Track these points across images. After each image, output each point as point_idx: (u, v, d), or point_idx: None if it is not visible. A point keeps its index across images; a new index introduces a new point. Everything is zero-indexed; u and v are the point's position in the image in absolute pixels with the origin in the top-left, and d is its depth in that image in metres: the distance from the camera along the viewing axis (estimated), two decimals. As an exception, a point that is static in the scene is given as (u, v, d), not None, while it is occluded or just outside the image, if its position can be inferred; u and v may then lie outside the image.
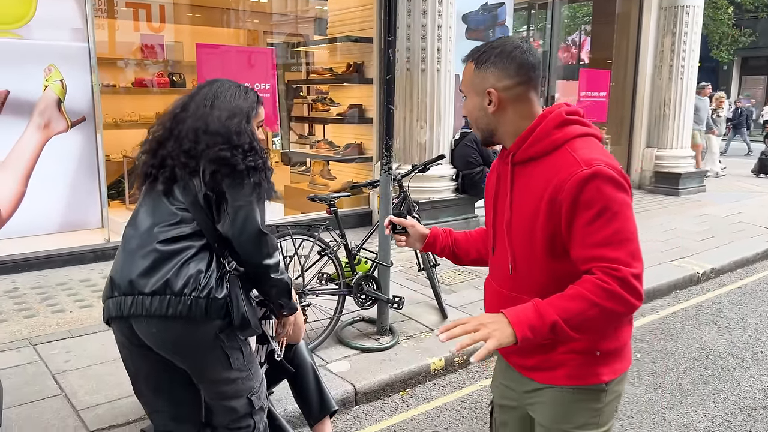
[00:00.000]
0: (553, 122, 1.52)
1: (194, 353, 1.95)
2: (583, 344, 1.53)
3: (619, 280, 1.37)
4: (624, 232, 1.42)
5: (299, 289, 3.49)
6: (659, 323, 4.58)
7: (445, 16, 6.43)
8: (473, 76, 1.57)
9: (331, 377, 3.34)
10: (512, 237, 1.57)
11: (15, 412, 2.84)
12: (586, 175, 1.41)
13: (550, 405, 1.61)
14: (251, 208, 1.91)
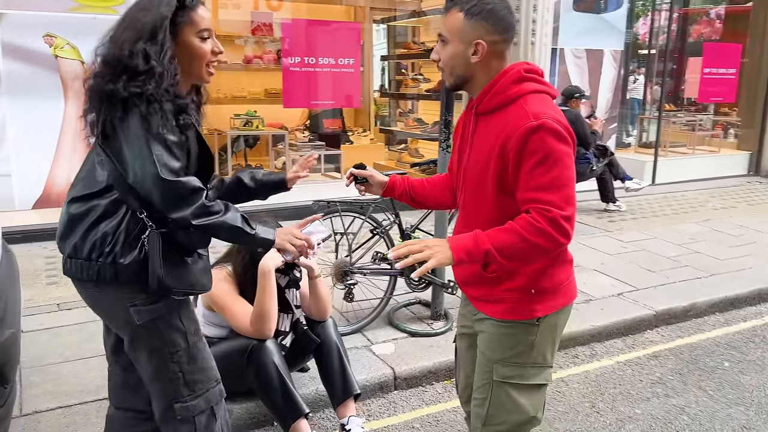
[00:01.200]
0: (511, 78, 1.67)
1: (112, 321, 1.85)
2: (519, 282, 1.73)
3: (549, 220, 1.55)
4: (561, 179, 1.58)
5: (346, 266, 3.41)
6: (762, 330, 4.03)
7: (541, -15, 5.98)
8: (463, 25, 1.65)
9: (372, 359, 3.24)
10: (467, 179, 1.76)
11: (67, 367, 3.01)
12: (533, 126, 1.57)
13: (488, 335, 1.82)
14: (142, 146, 1.61)
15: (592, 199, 6.92)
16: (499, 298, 1.76)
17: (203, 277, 1.88)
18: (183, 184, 1.65)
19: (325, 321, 2.74)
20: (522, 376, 1.78)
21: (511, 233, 1.57)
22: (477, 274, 1.78)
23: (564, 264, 1.80)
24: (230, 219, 1.73)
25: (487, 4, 1.65)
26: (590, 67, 8.22)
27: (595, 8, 8.08)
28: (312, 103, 5.90)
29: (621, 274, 4.66)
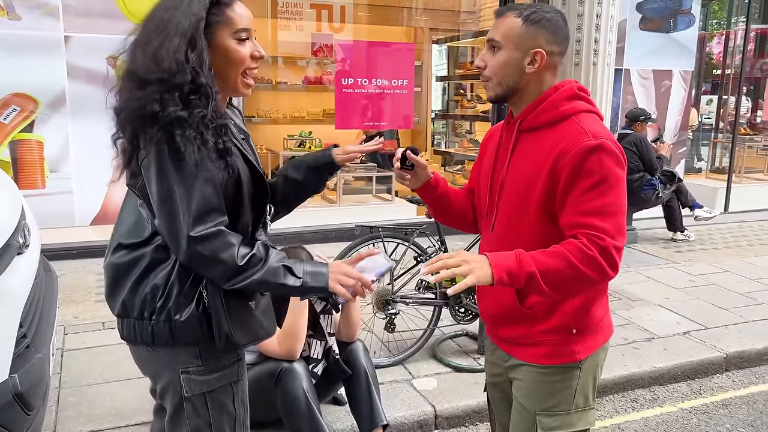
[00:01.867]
0: (564, 94, 1.58)
1: (158, 384, 1.58)
2: (558, 322, 1.59)
3: (600, 248, 1.43)
4: (615, 206, 1.47)
5: (388, 295, 3.28)
6: None
7: (606, 4, 5.73)
8: (521, 31, 1.55)
9: (413, 395, 3.08)
10: (503, 198, 1.63)
11: (104, 389, 2.99)
12: (592, 145, 1.47)
13: (526, 383, 1.68)
14: (171, 187, 1.37)
15: (658, 227, 6.55)
16: (538, 341, 1.63)
17: (267, 320, 1.64)
18: (212, 238, 1.39)
19: (354, 344, 2.63)
20: (567, 424, 1.66)
21: (558, 258, 1.43)
22: (512, 309, 1.63)
23: (602, 298, 1.68)
24: (270, 274, 1.45)
25: (547, 12, 1.56)
26: (658, 88, 7.86)
27: (663, 27, 7.74)
28: (364, 125, 5.83)
29: (688, 310, 4.32)
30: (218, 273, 1.42)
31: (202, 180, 1.39)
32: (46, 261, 2.76)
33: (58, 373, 3.11)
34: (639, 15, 7.54)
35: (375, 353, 3.39)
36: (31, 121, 5.21)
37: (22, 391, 1.84)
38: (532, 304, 1.60)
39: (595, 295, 1.63)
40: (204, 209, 1.39)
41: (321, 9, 8.12)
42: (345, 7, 8.11)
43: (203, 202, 1.39)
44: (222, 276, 1.42)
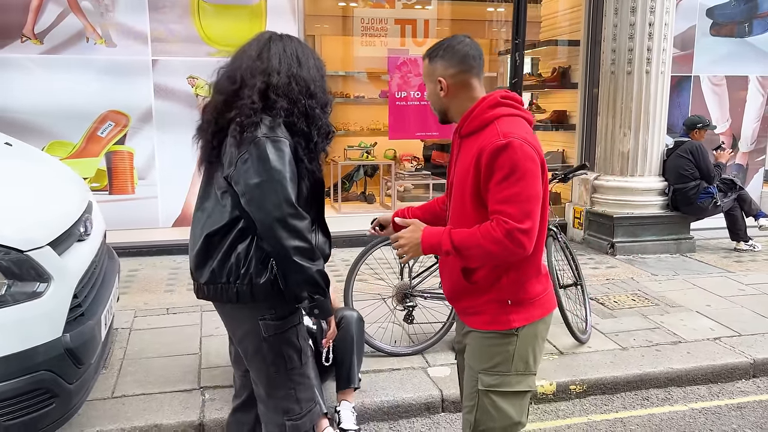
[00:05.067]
0: (488, 103, 1.87)
1: (238, 333, 2.03)
2: (496, 294, 1.88)
3: (505, 231, 1.72)
4: (523, 195, 1.73)
5: (406, 289, 3.57)
6: None
7: (659, 12, 5.75)
8: (427, 68, 1.95)
9: (425, 380, 3.35)
10: (452, 195, 1.95)
11: (158, 362, 3.49)
12: (501, 144, 1.74)
13: (472, 346, 1.97)
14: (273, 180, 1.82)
15: (722, 237, 6.38)
16: (480, 310, 1.92)
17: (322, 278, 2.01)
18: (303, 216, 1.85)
19: (350, 312, 3.03)
20: (505, 383, 1.92)
21: (473, 236, 1.77)
22: (461, 285, 1.94)
23: (539, 277, 1.95)
24: (319, 273, 1.89)
25: (444, 43, 1.92)
26: (732, 95, 7.61)
27: (738, 32, 7.50)
28: (416, 135, 6.15)
29: (727, 318, 4.28)
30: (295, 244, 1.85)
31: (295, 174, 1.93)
32: (111, 250, 3.31)
33: (124, 347, 3.65)
34: (709, 20, 7.36)
35: (396, 342, 3.69)
36: (124, 135, 5.95)
37: (72, 347, 2.31)
38: (476, 279, 1.90)
39: (528, 272, 1.90)
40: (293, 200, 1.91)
41: (405, 24, 8.52)
42: (428, 21, 8.44)
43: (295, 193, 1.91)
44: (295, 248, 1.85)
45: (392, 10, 8.10)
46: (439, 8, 8.17)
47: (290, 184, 1.83)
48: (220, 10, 6.08)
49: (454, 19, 8.73)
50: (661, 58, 5.84)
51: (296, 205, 1.83)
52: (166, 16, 5.93)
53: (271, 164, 1.81)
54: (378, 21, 8.33)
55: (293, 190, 1.83)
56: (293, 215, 1.82)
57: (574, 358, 3.64)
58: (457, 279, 1.93)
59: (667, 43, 5.87)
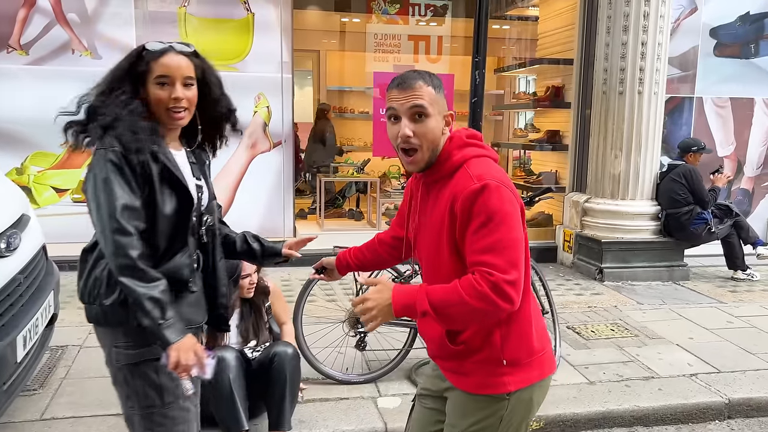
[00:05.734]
0: (455, 143, 1.67)
1: (106, 365, 1.88)
2: (488, 353, 1.66)
3: (491, 284, 1.50)
4: (505, 241, 1.54)
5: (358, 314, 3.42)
6: None
7: (652, 32, 5.57)
8: (437, 98, 1.65)
9: (371, 411, 3.19)
10: (420, 247, 1.77)
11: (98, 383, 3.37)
12: (476, 188, 1.56)
13: (456, 405, 1.76)
14: (99, 191, 1.71)
15: (720, 264, 6.12)
16: (470, 370, 1.70)
17: (190, 310, 1.88)
18: (127, 231, 1.68)
19: (284, 349, 2.82)
20: None
21: (453, 293, 1.53)
22: (445, 347, 1.72)
23: (538, 332, 1.72)
24: (149, 298, 1.68)
25: (433, 75, 1.68)
26: (737, 117, 7.37)
27: (743, 53, 7.27)
28: (401, 153, 6.03)
29: (708, 352, 4.05)
30: (117, 263, 1.69)
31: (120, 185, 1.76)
32: (52, 265, 3.22)
33: (68, 366, 3.55)
34: (713, 41, 7.16)
35: (348, 369, 3.53)
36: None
37: (-27, 369, 2.21)
38: (463, 340, 1.68)
39: (522, 325, 1.68)
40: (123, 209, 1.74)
41: (418, 41, 8.46)
42: (442, 38, 8.35)
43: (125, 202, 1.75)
44: (119, 266, 1.69)
45: (405, 26, 8.04)
46: (453, 25, 8.09)
47: (119, 197, 1.69)
48: (207, 24, 6.06)
49: (468, 36, 8.64)
50: (655, 78, 5.65)
51: (119, 218, 1.68)
52: (152, 29, 5.91)
53: (94, 173, 1.72)
54: (389, 37, 8.27)
55: (123, 202, 1.69)
56: (117, 230, 1.68)
57: (535, 392, 3.44)
58: (442, 342, 1.71)
59: (661, 63, 5.68)
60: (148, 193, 1.75)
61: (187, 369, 1.70)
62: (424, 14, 8.00)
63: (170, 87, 1.78)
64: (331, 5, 8.62)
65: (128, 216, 1.70)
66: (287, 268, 5.76)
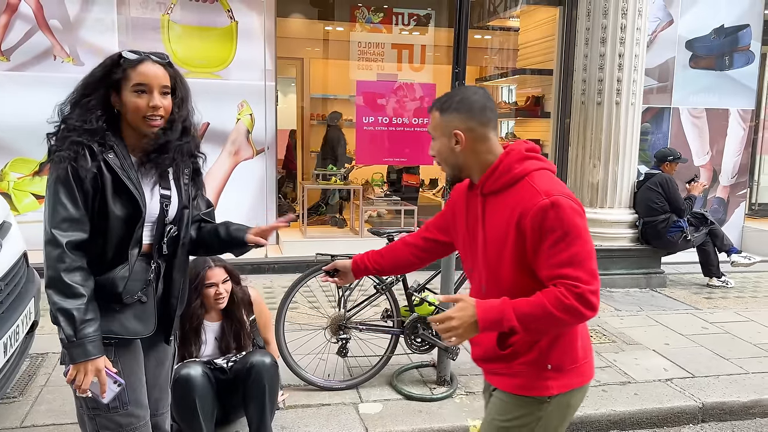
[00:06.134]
0: (515, 157, 1.73)
1: None
2: (534, 356, 1.73)
3: (577, 296, 1.58)
4: (582, 253, 1.61)
5: (341, 320, 3.45)
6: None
7: (629, 44, 5.69)
8: (438, 121, 1.78)
9: (352, 417, 3.21)
10: (486, 261, 1.78)
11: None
12: (546, 204, 1.61)
13: (497, 401, 1.84)
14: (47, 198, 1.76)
15: (696, 272, 6.23)
16: (516, 372, 1.77)
17: (133, 322, 1.88)
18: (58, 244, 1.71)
19: (263, 361, 2.74)
20: None
21: (539, 307, 1.60)
22: (492, 351, 1.80)
23: (583, 341, 1.80)
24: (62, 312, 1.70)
25: (457, 95, 1.78)
26: (712, 128, 7.54)
27: (717, 65, 7.46)
28: (384, 160, 6.08)
29: (683, 358, 4.13)
30: (48, 274, 1.75)
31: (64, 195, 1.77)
32: (33, 272, 3.21)
33: (48, 374, 3.54)
34: (689, 53, 7.34)
35: (330, 375, 3.56)
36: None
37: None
38: (512, 343, 1.75)
39: (574, 335, 1.76)
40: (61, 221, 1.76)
41: (402, 49, 8.52)
42: (425, 47, 8.43)
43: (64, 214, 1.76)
44: (49, 278, 1.74)
45: (388, 35, 8.10)
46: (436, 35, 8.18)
47: (60, 208, 1.73)
48: (190, 32, 6.08)
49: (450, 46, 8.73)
50: (632, 89, 5.77)
51: (53, 230, 1.71)
52: (135, 36, 5.92)
53: (48, 182, 1.76)
54: (373, 45, 8.33)
55: (64, 214, 1.72)
56: (49, 241, 1.72)
57: (514, 397, 3.49)
58: (492, 346, 1.79)
59: (638, 75, 5.80)
60: (99, 202, 1.77)
61: (81, 390, 1.75)
62: (408, 23, 8.07)
63: (148, 95, 1.80)
64: (314, 13, 8.67)
65: (66, 227, 1.73)
66: (270, 275, 5.79)
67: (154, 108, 1.80)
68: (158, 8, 5.97)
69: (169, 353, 2.12)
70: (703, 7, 7.26)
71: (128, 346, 1.91)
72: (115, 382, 1.79)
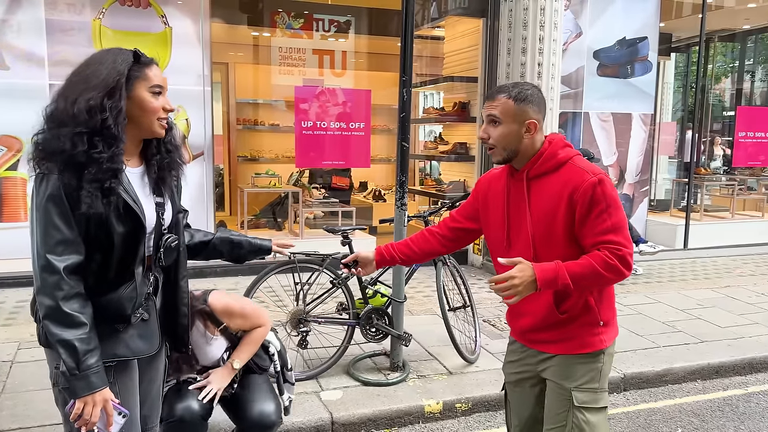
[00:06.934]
0: (558, 146, 2.00)
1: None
2: (591, 317, 2.00)
3: (619, 257, 1.86)
4: (621, 222, 1.91)
5: (301, 315, 3.64)
6: (738, 400, 3.88)
7: (547, 54, 6.20)
8: (514, 109, 1.96)
9: (316, 404, 3.41)
10: (534, 234, 1.98)
11: (42, 395, 3.37)
12: (595, 181, 1.90)
13: (561, 367, 2.03)
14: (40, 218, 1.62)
15: (609, 261, 6.83)
16: (574, 335, 2.01)
17: (137, 342, 1.83)
18: (54, 270, 1.60)
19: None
20: (596, 400, 2.01)
21: (588, 268, 1.86)
22: (550, 317, 2.01)
23: (613, 297, 2.10)
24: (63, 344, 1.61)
25: (528, 88, 1.99)
26: (618, 130, 8.25)
27: (621, 73, 8.17)
28: (323, 163, 6.29)
29: (604, 336, 4.61)
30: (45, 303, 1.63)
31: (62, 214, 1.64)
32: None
33: (3, 381, 3.51)
34: (596, 62, 7.99)
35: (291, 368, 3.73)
36: (17, 160, 5.73)
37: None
38: (566, 308, 1.99)
39: (612, 293, 2.07)
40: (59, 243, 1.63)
41: (323, 55, 8.70)
42: (346, 53, 8.66)
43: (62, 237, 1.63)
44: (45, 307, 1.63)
45: (310, 40, 8.28)
46: (356, 41, 8.45)
47: (53, 231, 1.61)
48: (123, 37, 6.02)
49: (370, 53, 9.05)
50: (550, 95, 6.27)
51: (48, 255, 1.61)
52: (65, 41, 5.81)
53: (35, 203, 1.63)
54: (295, 50, 8.48)
55: (58, 237, 1.62)
56: (44, 267, 1.62)
57: (462, 378, 3.81)
58: (549, 312, 2.00)
59: (555, 82, 6.32)
60: (96, 222, 1.67)
61: (89, 425, 1.68)
62: (328, 29, 8.28)
63: (162, 97, 1.78)
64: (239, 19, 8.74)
65: (62, 251, 1.62)
66: (235, 278, 5.86)
67: (169, 110, 1.80)
68: (89, 12, 5.89)
69: (162, 367, 2.05)
70: (607, 20, 7.94)
71: (126, 367, 1.85)
72: (120, 413, 1.76)
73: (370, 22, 8.53)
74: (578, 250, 1.94)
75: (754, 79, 12.49)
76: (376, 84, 8.64)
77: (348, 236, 3.75)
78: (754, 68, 12.48)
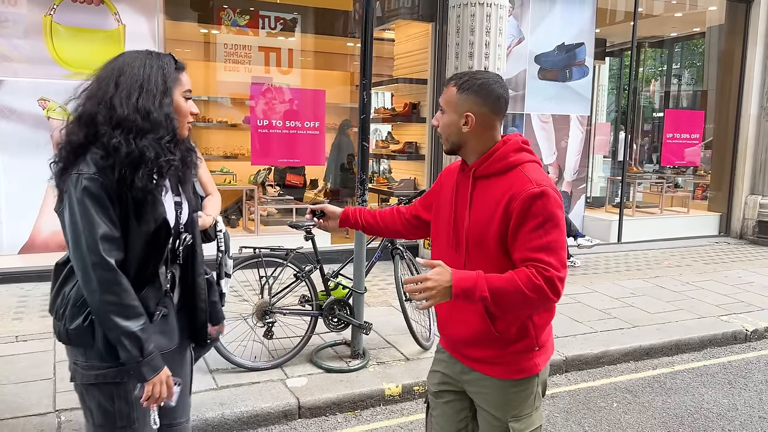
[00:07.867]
0: (512, 147, 1.86)
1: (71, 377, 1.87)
2: (527, 343, 1.86)
3: (546, 279, 1.69)
4: (557, 242, 1.74)
5: (266, 306, 3.82)
6: (665, 377, 4.30)
7: (492, 58, 6.54)
8: (456, 98, 1.84)
9: (282, 390, 3.60)
10: (468, 237, 1.87)
11: (8, 388, 3.42)
12: (536, 192, 1.74)
13: (494, 395, 1.91)
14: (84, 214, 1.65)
15: (550, 255, 7.25)
16: (506, 361, 1.87)
17: (158, 338, 1.84)
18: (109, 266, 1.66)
19: None
20: (531, 423, 1.92)
21: (511, 283, 1.69)
22: (484, 333, 1.85)
23: (550, 318, 1.96)
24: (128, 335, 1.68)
25: (478, 79, 1.84)
26: (557, 131, 8.72)
27: (560, 77, 8.63)
28: (278, 161, 6.43)
29: (547, 323, 4.97)
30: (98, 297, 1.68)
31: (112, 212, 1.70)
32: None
33: (-31, 377, 3.53)
34: (537, 66, 8.42)
35: (256, 357, 3.91)
36: (-35, 157, 5.62)
37: None
38: (500, 330, 1.83)
39: (549, 317, 1.93)
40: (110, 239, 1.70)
41: (269, 52, 8.75)
42: (293, 51, 8.75)
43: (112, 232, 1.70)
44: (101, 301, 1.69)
45: (256, 38, 8.34)
46: (303, 40, 8.57)
47: (101, 227, 1.66)
48: (74, 33, 5.99)
49: (318, 51, 9.20)
50: (495, 98, 6.60)
51: (102, 252, 1.66)
52: (12, 36, 5.74)
53: (76, 204, 1.66)
54: (242, 48, 8.52)
55: (103, 232, 1.66)
56: (98, 264, 1.66)
57: (419, 363, 4.07)
58: (482, 328, 1.84)
59: (500, 85, 6.66)
60: (122, 219, 1.72)
61: (159, 401, 1.79)
62: (274, 27, 8.36)
63: (191, 101, 1.86)
64: (190, 16, 8.72)
65: (108, 248, 1.67)
66: None
67: (195, 114, 1.87)
68: (39, 8, 5.83)
69: (187, 363, 2.10)
70: (547, 26, 8.38)
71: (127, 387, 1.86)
72: (176, 382, 1.84)
73: (317, 21, 8.67)
74: (509, 263, 1.79)
75: (681, 82, 13.36)
76: (323, 83, 8.80)
77: (311, 231, 3.94)
78: (681, 72, 13.36)
